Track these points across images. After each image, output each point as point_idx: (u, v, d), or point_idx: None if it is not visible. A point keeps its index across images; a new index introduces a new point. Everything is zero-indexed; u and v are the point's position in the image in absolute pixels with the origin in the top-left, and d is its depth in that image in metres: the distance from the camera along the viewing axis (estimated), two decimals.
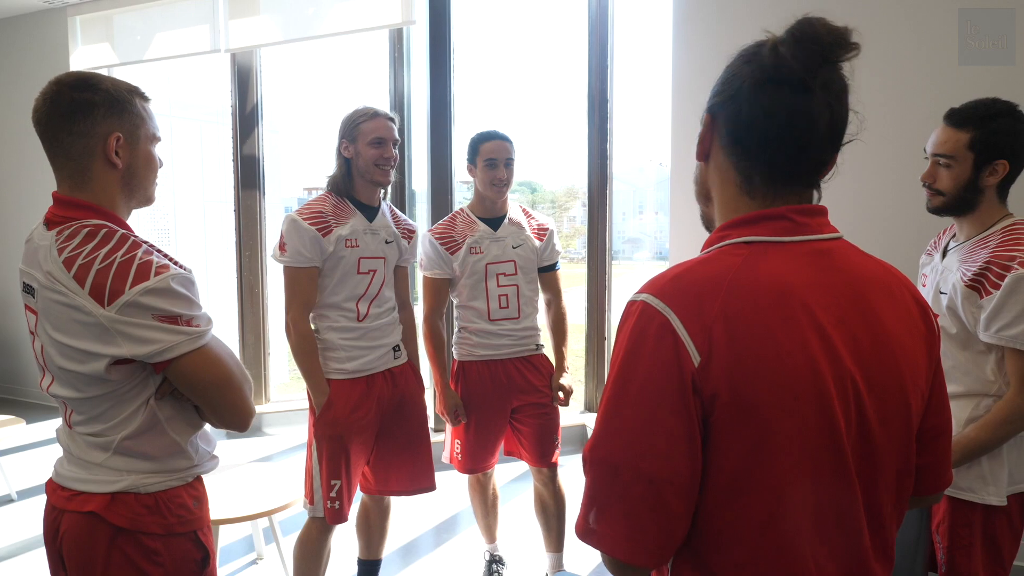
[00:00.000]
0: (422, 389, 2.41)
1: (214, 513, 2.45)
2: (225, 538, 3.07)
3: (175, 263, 1.27)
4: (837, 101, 0.83)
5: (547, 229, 2.60)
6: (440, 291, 2.53)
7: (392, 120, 2.23)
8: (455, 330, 2.61)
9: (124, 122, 1.26)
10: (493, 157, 2.45)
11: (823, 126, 0.83)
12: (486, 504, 2.70)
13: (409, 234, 2.37)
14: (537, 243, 2.55)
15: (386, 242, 2.26)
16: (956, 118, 1.64)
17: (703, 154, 0.93)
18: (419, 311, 2.58)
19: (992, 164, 1.60)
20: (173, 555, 1.30)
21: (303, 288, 2.15)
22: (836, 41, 0.80)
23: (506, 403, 2.54)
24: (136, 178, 1.31)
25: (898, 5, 2.56)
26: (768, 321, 0.78)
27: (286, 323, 2.16)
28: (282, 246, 2.14)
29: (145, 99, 1.33)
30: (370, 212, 2.24)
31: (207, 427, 1.42)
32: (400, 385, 2.32)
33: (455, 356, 2.60)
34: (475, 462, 2.57)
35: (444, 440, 2.64)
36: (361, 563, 2.50)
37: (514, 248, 2.50)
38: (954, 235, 1.76)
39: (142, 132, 1.29)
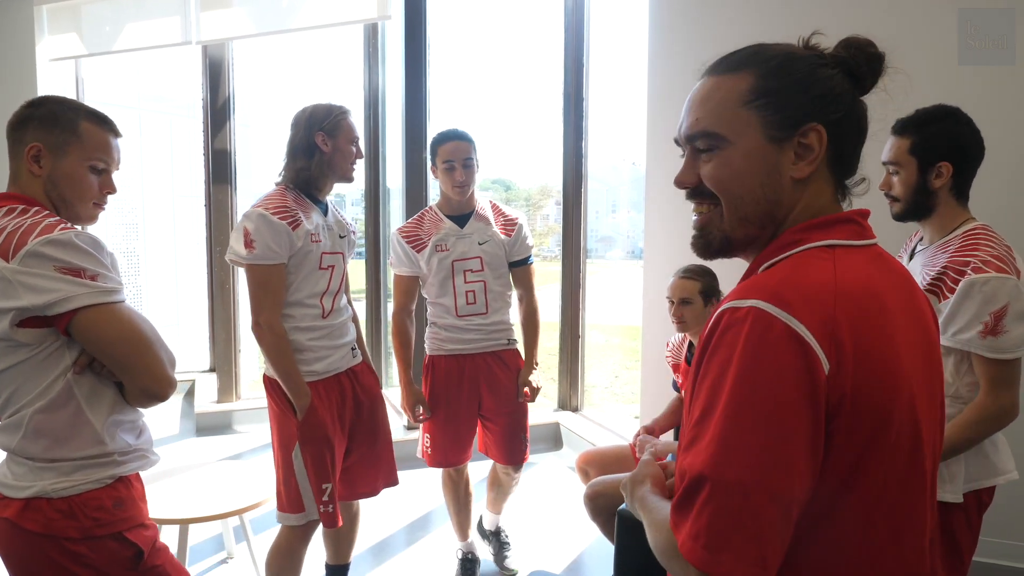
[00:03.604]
0: (379, 386, 2.39)
1: (184, 512, 2.42)
2: (195, 537, 3.03)
3: None
4: None
5: (515, 223, 2.59)
6: (408, 289, 2.56)
7: None
8: (427, 325, 2.63)
9: (52, 136, 1.35)
10: (450, 159, 2.45)
11: None
12: (458, 500, 2.71)
13: (353, 231, 2.33)
14: (504, 238, 2.55)
15: (340, 236, 2.22)
16: (898, 126, 1.71)
17: (810, 173, 0.86)
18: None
19: (935, 167, 1.66)
20: (100, 556, 1.32)
21: (275, 287, 2.05)
22: (881, 61, 0.87)
23: (475, 397, 2.57)
24: (58, 190, 1.37)
25: (898, 5, 2.56)
26: (876, 326, 0.79)
27: (257, 326, 2.05)
28: (249, 244, 2.00)
29: (101, 125, 1.40)
30: (322, 207, 2.19)
31: (140, 420, 1.43)
32: (362, 385, 2.28)
33: (426, 350, 2.63)
34: (444, 456, 2.59)
35: (419, 435, 2.67)
36: (329, 568, 2.44)
37: (480, 244, 2.51)
38: (922, 238, 1.81)
39: (72, 150, 1.37)
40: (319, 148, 2.11)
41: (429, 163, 2.54)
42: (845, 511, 0.78)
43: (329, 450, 2.12)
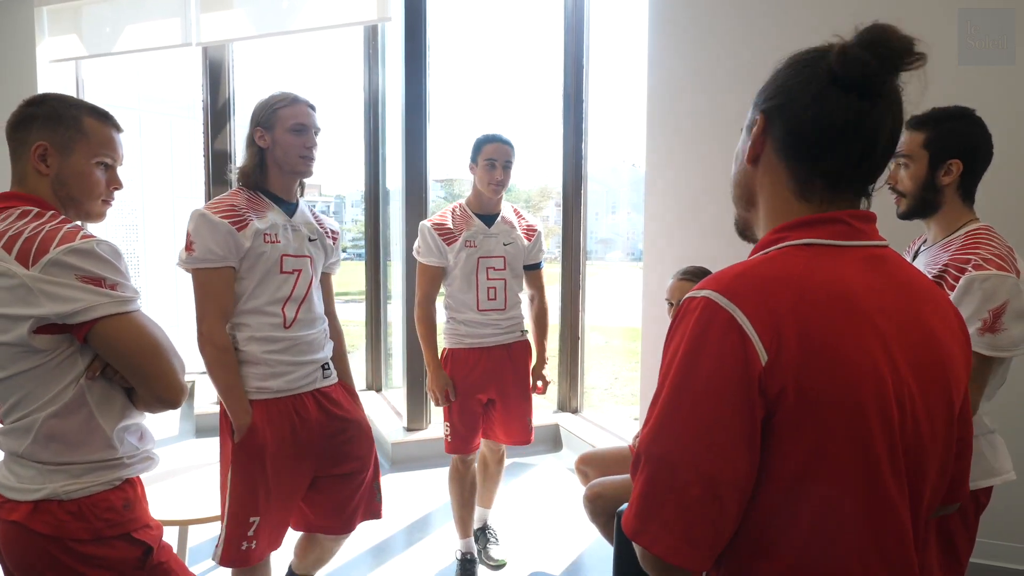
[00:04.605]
0: (360, 408, 2.18)
1: (184, 513, 2.42)
2: (195, 538, 3.03)
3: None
4: (898, 109, 0.84)
5: (536, 230, 2.79)
6: (434, 279, 2.68)
7: (313, 108, 2.04)
8: (444, 320, 2.76)
9: (56, 134, 1.34)
10: (492, 158, 2.61)
11: (885, 134, 0.84)
12: (463, 493, 2.76)
13: (333, 235, 2.16)
14: (526, 242, 2.74)
15: (309, 239, 2.04)
16: (913, 121, 1.74)
17: (754, 157, 0.91)
18: (396, 303, 2.59)
19: (946, 163, 1.68)
20: (110, 556, 1.32)
21: (218, 293, 1.87)
22: (906, 48, 0.80)
23: (486, 387, 2.70)
24: (66, 188, 1.36)
25: (898, 5, 2.58)
26: (835, 323, 0.78)
27: (199, 335, 1.87)
28: (189, 246, 1.86)
29: (104, 121, 1.40)
30: (288, 207, 2.02)
31: (142, 423, 1.43)
32: (334, 408, 2.06)
33: (445, 344, 2.76)
34: (462, 443, 2.71)
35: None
36: (291, 573, 2.31)
37: (505, 245, 2.68)
38: (926, 239, 1.82)
39: (78, 147, 1.36)
40: (255, 144, 1.98)
41: (469, 160, 2.68)
42: (812, 500, 0.79)
43: (262, 482, 1.92)
